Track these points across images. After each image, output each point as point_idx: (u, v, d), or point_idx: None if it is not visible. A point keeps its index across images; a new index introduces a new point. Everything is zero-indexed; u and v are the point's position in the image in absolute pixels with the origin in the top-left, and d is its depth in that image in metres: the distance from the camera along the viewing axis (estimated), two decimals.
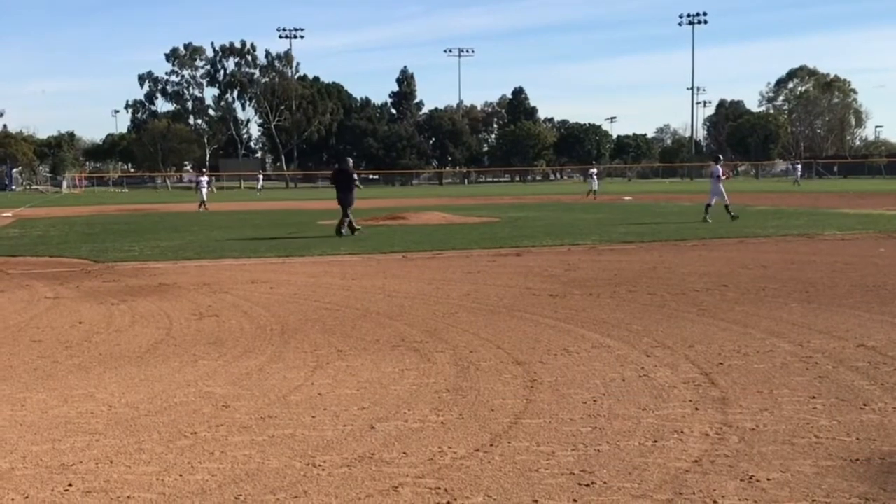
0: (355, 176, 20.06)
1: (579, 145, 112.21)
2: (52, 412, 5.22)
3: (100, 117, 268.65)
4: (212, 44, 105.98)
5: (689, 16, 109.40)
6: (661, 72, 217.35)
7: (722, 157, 24.56)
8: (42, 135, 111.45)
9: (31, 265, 13.97)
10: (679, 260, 13.16)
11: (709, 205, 22.20)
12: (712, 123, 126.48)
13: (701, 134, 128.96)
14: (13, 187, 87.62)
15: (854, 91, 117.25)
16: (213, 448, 4.47)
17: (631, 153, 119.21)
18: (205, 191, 37.49)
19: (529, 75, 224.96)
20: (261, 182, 73.19)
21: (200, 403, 5.37)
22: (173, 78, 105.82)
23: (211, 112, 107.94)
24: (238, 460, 4.27)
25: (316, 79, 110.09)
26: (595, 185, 44.24)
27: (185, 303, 9.52)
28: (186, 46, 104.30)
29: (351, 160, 21.28)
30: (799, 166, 70.31)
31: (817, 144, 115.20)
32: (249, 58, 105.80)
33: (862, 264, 12.14)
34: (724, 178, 22.39)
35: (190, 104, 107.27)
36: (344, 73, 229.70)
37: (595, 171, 47.32)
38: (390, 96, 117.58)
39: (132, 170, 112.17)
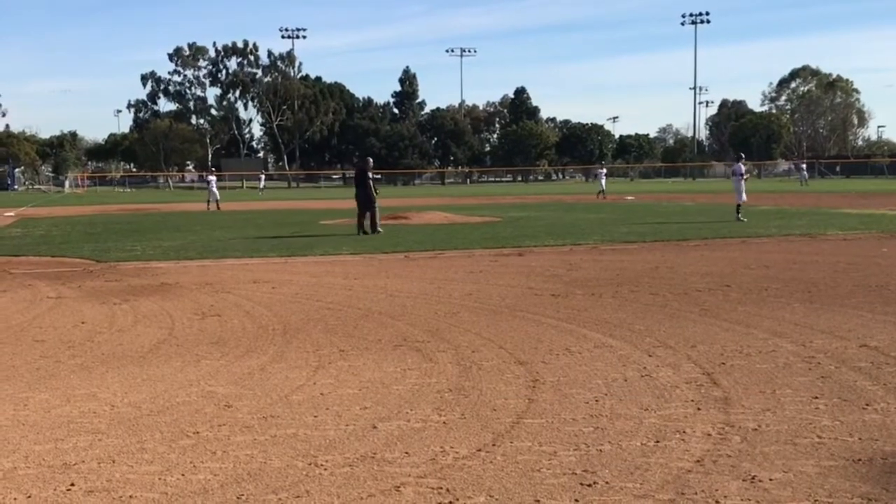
0: (370, 175, 20.38)
1: (581, 145, 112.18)
2: (55, 412, 5.23)
3: (102, 117, 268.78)
4: (214, 44, 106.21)
5: (691, 15, 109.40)
6: (664, 71, 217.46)
7: (744, 156, 24.53)
8: (44, 134, 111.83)
9: (33, 265, 13.98)
10: (681, 260, 13.15)
11: (739, 205, 22.04)
12: (715, 123, 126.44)
13: (703, 134, 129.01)
14: (16, 187, 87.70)
15: (856, 91, 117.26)
16: (215, 448, 4.48)
17: (633, 153, 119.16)
18: (216, 191, 37.38)
19: (531, 75, 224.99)
20: (262, 182, 73.26)
21: (203, 403, 5.38)
22: (176, 78, 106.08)
23: (213, 112, 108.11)
24: (240, 460, 4.28)
25: (318, 78, 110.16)
26: (604, 185, 44.11)
27: (187, 302, 9.53)
28: (190, 46, 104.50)
29: (371, 160, 21.87)
30: (804, 166, 70.38)
31: (819, 144, 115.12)
32: (252, 57, 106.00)
33: (864, 264, 12.13)
34: (746, 177, 22.35)
35: (192, 104, 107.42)
36: (346, 73, 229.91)
37: (604, 170, 47.16)
38: (392, 96, 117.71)
39: (134, 170, 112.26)
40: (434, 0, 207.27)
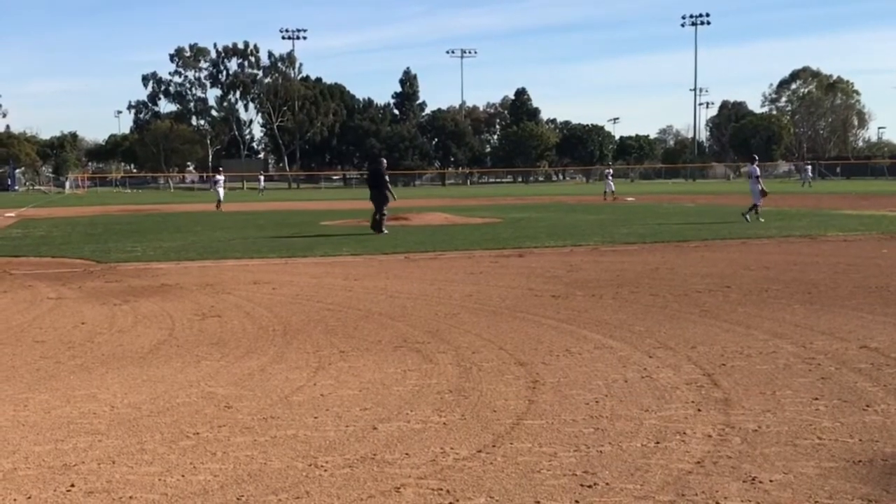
0: (386, 178, 20.64)
1: (582, 146, 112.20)
2: (55, 412, 5.23)
3: (102, 118, 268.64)
4: (214, 45, 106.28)
5: (691, 16, 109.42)
6: (664, 72, 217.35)
7: (758, 158, 24.62)
8: (45, 135, 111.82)
9: (33, 265, 13.99)
10: (681, 261, 13.15)
11: (754, 205, 22.04)
12: (715, 124, 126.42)
13: (704, 135, 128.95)
14: (16, 188, 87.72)
15: (857, 92, 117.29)
16: (215, 448, 4.48)
17: (633, 154, 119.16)
18: (221, 191, 37.34)
19: (532, 76, 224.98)
20: (262, 182, 73.40)
21: (203, 404, 5.38)
22: (176, 79, 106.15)
23: (214, 113, 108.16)
24: (240, 461, 4.28)
25: (318, 79, 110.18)
26: (612, 187, 43.71)
27: (187, 303, 9.53)
28: (192, 47, 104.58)
29: (385, 161, 22.33)
30: (809, 167, 70.45)
31: (820, 146, 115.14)
32: (252, 59, 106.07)
33: (865, 265, 12.13)
34: (760, 179, 22.38)
35: (193, 105, 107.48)
36: (346, 74, 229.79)
37: (611, 171, 46.74)
38: (393, 97, 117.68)
39: (135, 170, 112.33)
40: (434, 1, 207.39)
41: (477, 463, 4.19)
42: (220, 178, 38.73)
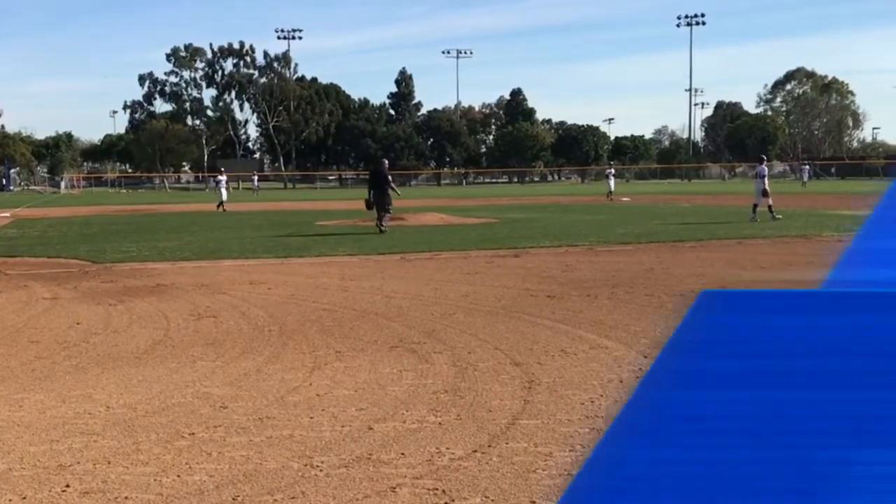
0: (389, 178, 20.94)
1: (577, 146, 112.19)
2: (50, 413, 5.22)
3: (98, 118, 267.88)
4: (210, 45, 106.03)
5: (686, 17, 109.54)
6: (659, 73, 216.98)
7: (766, 158, 24.76)
8: (40, 135, 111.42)
9: (28, 265, 13.96)
10: (677, 261, 13.17)
11: (770, 205, 22.22)
12: (710, 125, 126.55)
13: (699, 135, 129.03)
14: (11, 188, 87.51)
15: (852, 93, 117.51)
16: (210, 449, 4.48)
17: (628, 154, 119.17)
18: (224, 191, 37.25)
19: (527, 76, 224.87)
20: (256, 182, 73.44)
21: (198, 404, 5.37)
22: (172, 78, 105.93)
23: (209, 113, 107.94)
24: (236, 461, 4.28)
25: (314, 79, 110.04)
26: (612, 186, 43.38)
27: (182, 303, 9.52)
28: (187, 47, 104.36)
29: (386, 161, 22.95)
30: (807, 167, 70.54)
31: (815, 146, 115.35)
32: (248, 59, 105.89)
33: None
34: (766, 179, 22.53)
35: (188, 105, 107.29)
36: (342, 74, 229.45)
37: (612, 171, 46.18)
38: (388, 97, 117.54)
39: (130, 171, 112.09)
40: (431, 2, 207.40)
41: (472, 463, 4.20)
42: (223, 178, 38.61)
